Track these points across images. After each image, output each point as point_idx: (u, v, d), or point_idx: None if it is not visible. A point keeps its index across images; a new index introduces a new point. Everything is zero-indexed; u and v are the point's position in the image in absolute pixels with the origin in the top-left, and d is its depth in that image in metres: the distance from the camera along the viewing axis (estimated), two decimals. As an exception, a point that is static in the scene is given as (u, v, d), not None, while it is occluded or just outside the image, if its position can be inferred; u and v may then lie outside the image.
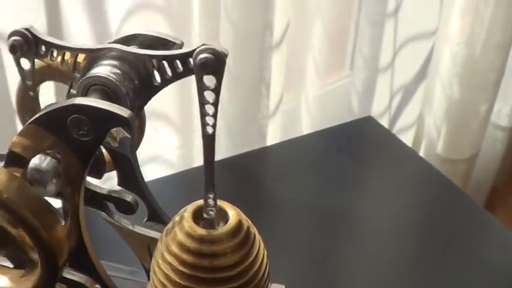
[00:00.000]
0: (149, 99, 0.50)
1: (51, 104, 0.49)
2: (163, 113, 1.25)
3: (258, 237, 0.53)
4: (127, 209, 0.59)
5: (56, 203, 0.51)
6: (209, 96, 0.45)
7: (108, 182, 0.65)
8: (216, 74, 0.45)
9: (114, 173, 0.60)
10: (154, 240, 0.60)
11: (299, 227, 0.91)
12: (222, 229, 0.51)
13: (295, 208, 0.93)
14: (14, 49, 0.50)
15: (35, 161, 0.50)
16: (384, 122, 1.44)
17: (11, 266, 0.53)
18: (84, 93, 0.48)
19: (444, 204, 0.95)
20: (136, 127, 0.54)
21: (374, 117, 1.16)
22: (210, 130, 0.47)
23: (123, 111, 0.43)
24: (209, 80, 0.45)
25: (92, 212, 0.59)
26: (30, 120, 0.46)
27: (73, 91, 0.52)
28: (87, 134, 0.45)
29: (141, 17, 1.12)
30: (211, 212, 0.51)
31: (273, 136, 1.30)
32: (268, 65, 1.16)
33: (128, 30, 1.07)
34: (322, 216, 0.92)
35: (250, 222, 0.53)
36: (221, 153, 1.20)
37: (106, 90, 0.47)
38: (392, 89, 1.47)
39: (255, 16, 1.11)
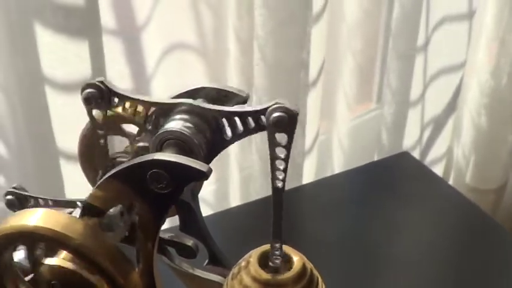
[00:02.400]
0: (219, 151, 0.51)
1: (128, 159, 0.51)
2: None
3: (320, 280, 0.54)
4: (188, 253, 0.61)
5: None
6: (280, 152, 0.47)
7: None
8: (288, 132, 0.46)
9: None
10: (215, 283, 0.62)
11: (339, 265, 0.92)
12: (287, 274, 0.52)
13: (335, 246, 0.93)
14: (88, 101, 0.53)
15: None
16: (415, 156, 1.45)
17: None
18: (159, 147, 0.50)
19: (486, 240, 0.95)
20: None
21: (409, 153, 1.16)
22: (279, 184, 0.49)
23: (202, 166, 0.45)
24: (280, 136, 0.47)
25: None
26: (109, 174, 0.48)
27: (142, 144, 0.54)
28: (166, 188, 0.47)
29: (177, 57, 1.14)
30: (277, 261, 0.52)
31: (309, 173, 1.31)
32: (304, 103, 1.17)
33: (164, 70, 1.10)
34: (362, 254, 0.92)
35: (312, 265, 0.54)
36: (257, 192, 1.22)
37: (180, 144, 0.49)
38: (423, 122, 1.48)
39: (290, 55, 1.13)
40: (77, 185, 1.02)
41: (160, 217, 0.49)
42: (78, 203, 0.59)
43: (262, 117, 0.48)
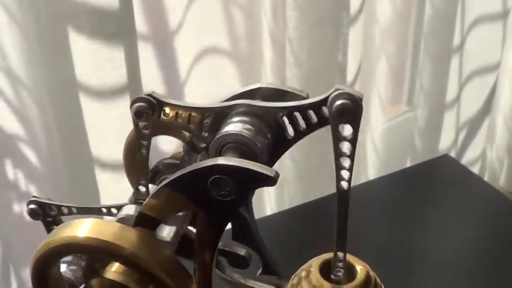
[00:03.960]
0: (282, 154, 0.48)
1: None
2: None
3: (384, 291, 0.51)
4: (240, 263, 0.58)
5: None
6: (345, 147, 0.44)
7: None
8: (353, 122, 0.43)
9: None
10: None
11: (381, 271, 0.89)
12: (351, 284, 0.49)
13: (377, 252, 0.91)
14: (139, 115, 0.49)
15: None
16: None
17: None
18: (218, 153, 0.47)
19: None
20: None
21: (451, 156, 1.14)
22: (345, 185, 0.45)
23: (269, 171, 0.42)
24: (344, 130, 0.43)
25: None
26: (164, 182, 0.45)
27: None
28: (229, 195, 0.43)
29: (210, 61, 1.12)
30: (339, 273, 0.49)
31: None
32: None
33: (197, 75, 1.08)
34: (404, 258, 0.90)
35: (375, 274, 0.51)
36: (291, 198, 1.19)
37: (241, 147, 0.46)
38: (458, 124, 1.45)
39: (324, 57, 1.10)
40: (113, 194, 1.01)
41: (220, 227, 0.46)
42: (104, 209, 0.57)
43: (324, 108, 0.45)
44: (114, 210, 0.56)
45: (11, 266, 1.06)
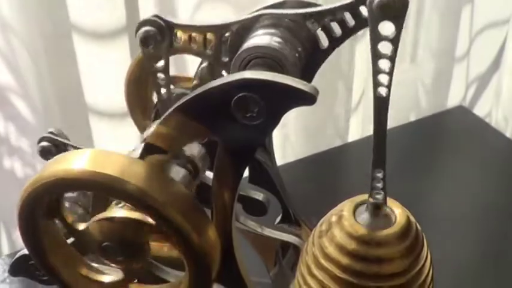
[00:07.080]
0: (316, 69, 0.42)
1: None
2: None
3: (425, 241, 0.45)
4: (257, 209, 0.52)
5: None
6: (385, 48, 0.38)
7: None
8: (397, 19, 0.37)
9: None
10: (285, 244, 0.53)
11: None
12: (389, 230, 0.43)
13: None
14: (146, 41, 0.43)
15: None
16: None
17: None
18: (243, 70, 0.40)
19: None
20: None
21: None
22: (383, 91, 0.39)
23: (307, 86, 0.35)
24: (385, 30, 0.37)
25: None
26: (176, 105, 0.38)
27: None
28: (257, 117, 0.36)
29: (210, 8, 1.05)
30: (378, 196, 0.43)
31: (355, 131, 1.22)
32: (351, 57, 1.08)
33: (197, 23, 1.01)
34: (420, 208, 0.85)
35: (416, 222, 0.45)
36: (295, 152, 1.13)
37: (270, 62, 0.39)
38: (468, 80, 1.39)
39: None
40: (109, 145, 0.95)
41: (244, 160, 0.39)
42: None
43: (362, 8, 0.39)
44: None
45: (1, 225, 1.00)
